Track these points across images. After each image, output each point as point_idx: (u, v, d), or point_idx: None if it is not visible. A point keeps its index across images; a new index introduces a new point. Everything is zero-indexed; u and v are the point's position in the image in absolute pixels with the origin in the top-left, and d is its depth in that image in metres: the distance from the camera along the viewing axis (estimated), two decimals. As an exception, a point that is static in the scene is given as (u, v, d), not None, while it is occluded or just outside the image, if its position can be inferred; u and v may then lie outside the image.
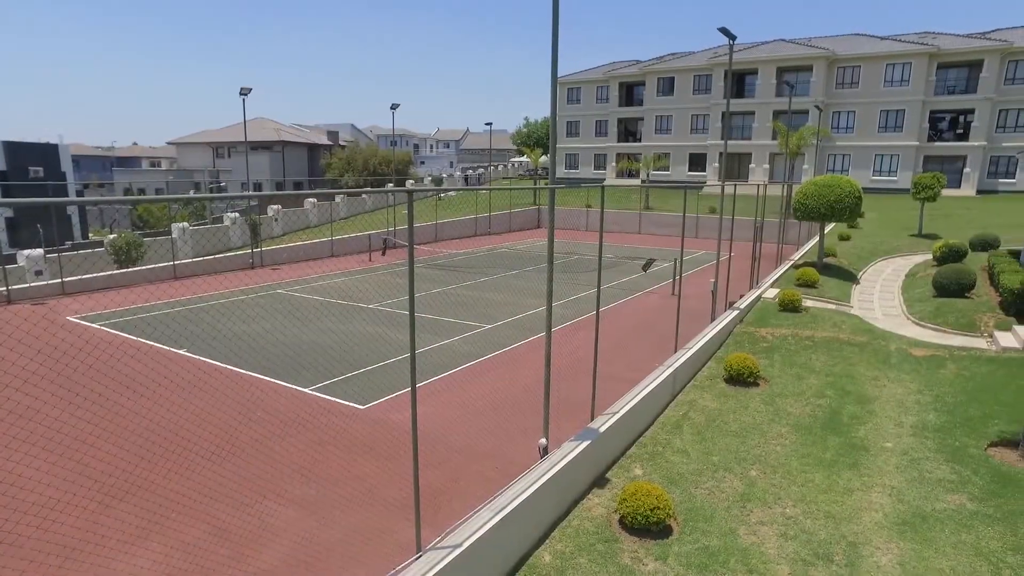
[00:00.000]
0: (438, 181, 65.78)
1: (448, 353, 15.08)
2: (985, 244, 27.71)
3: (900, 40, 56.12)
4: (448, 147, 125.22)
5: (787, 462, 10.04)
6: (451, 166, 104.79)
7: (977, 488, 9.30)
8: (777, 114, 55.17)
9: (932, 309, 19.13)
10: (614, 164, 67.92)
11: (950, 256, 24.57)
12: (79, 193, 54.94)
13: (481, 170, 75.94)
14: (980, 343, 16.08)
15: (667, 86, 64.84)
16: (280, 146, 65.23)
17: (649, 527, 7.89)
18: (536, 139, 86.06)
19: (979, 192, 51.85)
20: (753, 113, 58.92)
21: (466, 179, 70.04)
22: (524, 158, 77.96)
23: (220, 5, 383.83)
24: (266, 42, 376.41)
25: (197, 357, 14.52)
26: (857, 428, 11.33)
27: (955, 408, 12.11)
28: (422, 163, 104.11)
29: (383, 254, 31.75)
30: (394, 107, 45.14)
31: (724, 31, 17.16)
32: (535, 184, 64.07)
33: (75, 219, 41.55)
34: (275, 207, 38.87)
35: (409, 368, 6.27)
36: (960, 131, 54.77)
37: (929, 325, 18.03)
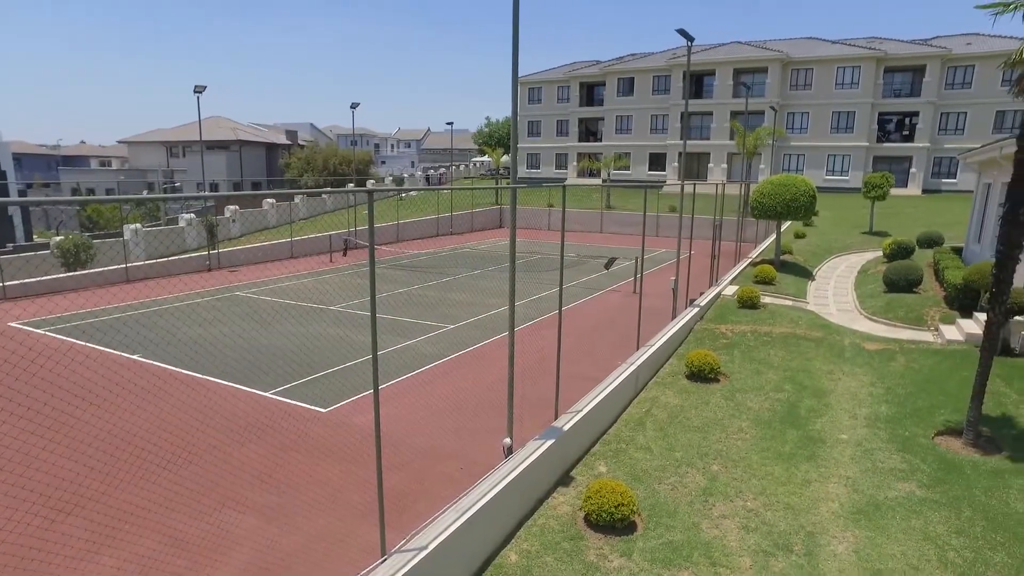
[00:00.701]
0: (399, 181, 65.26)
1: (411, 354, 14.96)
2: (930, 241, 28.73)
3: (850, 44, 57.81)
4: (409, 147, 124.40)
5: (748, 456, 10.23)
6: (412, 166, 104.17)
7: (925, 476, 9.63)
8: (734, 115, 56.25)
9: (883, 304, 19.74)
10: (575, 163, 68.42)
11: (899, 253, 25.39)
12: (22, 193, 52.91)
13: (443, 170, 75.64)
14: (927, 336, 16.65)
15: (627, 86, 65.55)
16: (237, 146, 63.91)
17: (614, 524, 7.94)
18: (498, 139, 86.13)
19: (924, 191, 53.76)
20: (711, 113, 59.98)
21: (427, 179, 69.69)
22: (485, 158, 77.97)
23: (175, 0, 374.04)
24: (222, 39, 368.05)
25: (151, 362, 14.10)
26: (814, 421, 11.61)
27: (905, 399, 12.51)
28: (383, 163, 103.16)
29: (344, 255, 31.37)
30: (354, 106, 44.66)
31: (682, 33, 17.41)
32: (497, 184, 64.10)
33: (17, 220, 39.99)
34: (232, 208, 38.03)
35: (372, 370, 6.19)
36: (906, 133, 56.71)
37: (880, 320, 18.60)
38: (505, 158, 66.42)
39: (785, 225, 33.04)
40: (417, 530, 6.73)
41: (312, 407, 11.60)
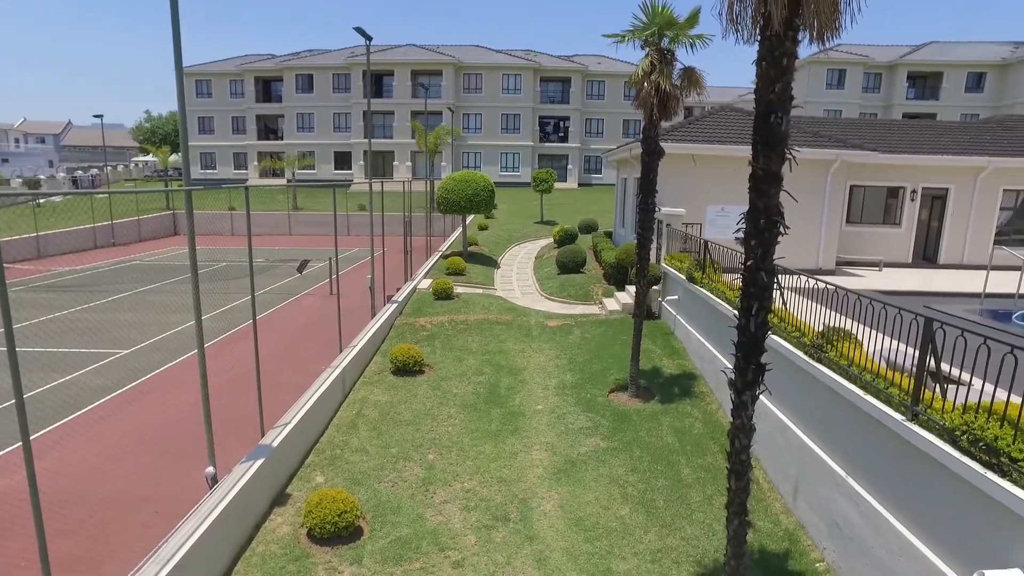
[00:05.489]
0: (34, 184, 54.08)
1: (74, 390, 12.52)
2: (589, 228, 33.50)
3: (511, 55, 64.26)
4: (44, 142, 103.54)
5: (460, 440, 10.76)
6: (51, 165, 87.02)
7: (605, 428, 11.23)
8: (415, 114, 58.47)
9: (558, 285, 22.42)
10: (256, 163, 64.27)
11: (566, 239, 29.04)
12: None
13: (95, 171, 64.77)
14: (595, 309, 19.39)
15: (306, 83, 63.67)
16: None
17: (339, 533, 7.70)
18: (162, 136, 76.66)
19: (580, 185, 62.66)
20: (392, 113, 61.47)
21: (75, 181, 59.05)
22: (150, 157, 68.79)
23: None
24: None
25: None
26: (513, 397, 12.69)
27: (584, 366, 14.39)
28: (5, 161, 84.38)
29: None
30: (-45, 91, 35.52)
31: (360, 31, 17.36)
32: (167, 186, 57.07)
33: None
34: None
35: (17, 417, 5.00)
36: (562, 135, 65.31)
37: (557, 299, 21.10)
38: (174, 157, 59.37)
39: (470, 218, 35.47)
40: (105, 597, 5.68)
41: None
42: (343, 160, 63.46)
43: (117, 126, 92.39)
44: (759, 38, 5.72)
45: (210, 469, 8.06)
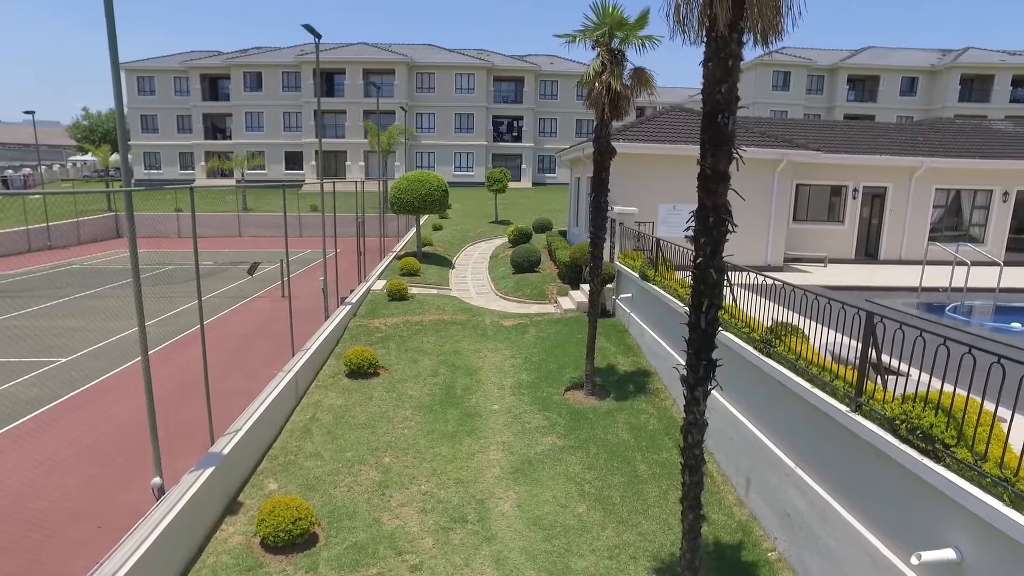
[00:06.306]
0: (-39, 185, 51.42)
1: (5, 401, 11.95)
2: (543, 227, 33.61)
3: (464, 54, 64.07)
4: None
5: (416, 442, 10.67)
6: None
7: (562, 427, 11.29)
8: (367, 114, 57.73)
9: (513, 284, 22.45)
10: (203, 163, 62.51)
11: (521, 238, 29.07)
12: None
13: (27, 170, 61.93)
14: (550, 308, 19.47)
15: (255, 81, 62.26)
16: None
17: (294, 541, 7.54)
18: (102, 134, 73.83)
19: (534, 184, 62.93)
20: (344, 112, 60.60)
21: (5, 181, 56.35)
22: (89, 156, 66.18)
23: None
24: None
25: None
26: (469, 398, 12.65)
27: (539, 365, 14.43)
28: (-72, 161, 79.99)
29: None
30: None
31: (309, 28, 17.05)
32: (108, 187, 54.96)
33: None
34: None
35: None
36: (515, 134, 65.51)
37: (512, 298, 21.12)
38: (115, 156, 57.21)
39: (424, 219, 35.22)
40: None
41: None
42: (294, 160, 62.27)
43: (52, 123, 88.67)
44: (705, 40, 5.82)
45: (157, 480, 7.79)
